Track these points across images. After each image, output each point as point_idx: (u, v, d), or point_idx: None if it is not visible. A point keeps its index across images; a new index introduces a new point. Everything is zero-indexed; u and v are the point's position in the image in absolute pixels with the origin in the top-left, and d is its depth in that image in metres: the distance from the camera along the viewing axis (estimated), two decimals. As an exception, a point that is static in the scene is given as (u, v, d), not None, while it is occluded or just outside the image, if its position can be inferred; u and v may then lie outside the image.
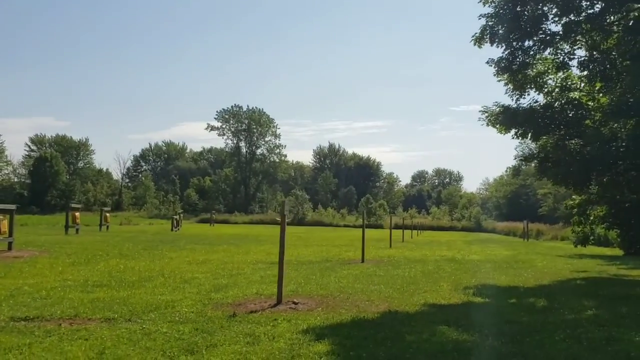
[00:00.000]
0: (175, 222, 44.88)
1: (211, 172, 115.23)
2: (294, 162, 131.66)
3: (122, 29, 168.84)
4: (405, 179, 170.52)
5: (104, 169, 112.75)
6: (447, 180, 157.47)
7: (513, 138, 15.78)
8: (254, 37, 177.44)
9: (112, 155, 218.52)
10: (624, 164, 14.43)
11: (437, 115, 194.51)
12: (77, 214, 31.01)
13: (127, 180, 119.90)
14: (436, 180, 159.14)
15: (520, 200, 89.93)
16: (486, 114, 16.02)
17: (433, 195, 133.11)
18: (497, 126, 15.94)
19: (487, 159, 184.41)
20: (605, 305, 10.01)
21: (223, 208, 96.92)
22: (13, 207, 18.76)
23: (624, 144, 13.69)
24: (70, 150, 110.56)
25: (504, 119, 15.38)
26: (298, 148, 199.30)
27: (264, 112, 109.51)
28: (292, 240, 32.78)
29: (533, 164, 15.93)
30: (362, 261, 18.35)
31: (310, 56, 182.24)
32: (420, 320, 8.27)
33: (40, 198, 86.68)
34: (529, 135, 15.35)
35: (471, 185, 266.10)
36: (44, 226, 42.20)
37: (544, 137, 15.48)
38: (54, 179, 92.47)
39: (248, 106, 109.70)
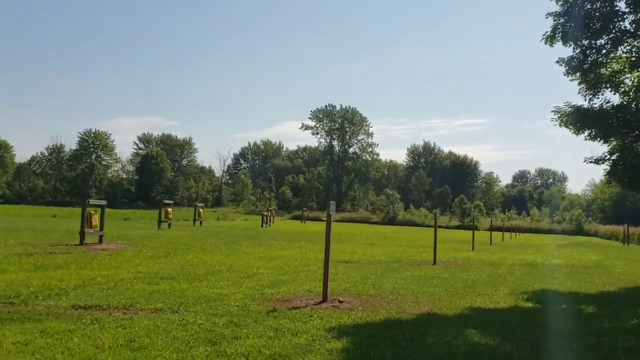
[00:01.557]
0: (265, 218, 46.21)
1: (305, 170, 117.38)
2: (388, 160, 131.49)
3: (227, 31, 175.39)
4: (506, 179, 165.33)
5: (206, 167, 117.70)
6: (550, 180, 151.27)
7: (586, 139, 15.25)
8: (356, 39, 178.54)
9: (213, 153, 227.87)
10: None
11: (544, 112, 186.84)
12: (169, 209, 32.87)
13: (227, 178, 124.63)
14: (539, 181, 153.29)
15: (627, 203, 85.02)
16: (558, 114, 15.54)
17: (534, 197, 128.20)
18: (570, 127, 15.43)
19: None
20: (657, 316, 9.64)
21: (316, 206, 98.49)
22: (104, 202, 20.36)
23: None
24: (175, 149, 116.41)
25: (575, 119, 14.87)
26: (395, 147, 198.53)
27: (357, 111, 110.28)
28: (374, 239, 33.10)
29: (602, 167, 15.32)
30: (434, 263, 18.33)
31: (412, 54, 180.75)
32: (453, 323, 8.37)
33: (146, 193, 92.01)
34: (600, 137, 14.77)
35: (576, 186, 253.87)
36: (145, 220, 44.81)
37: (613, 139, 14.83)
38: (160, 175, 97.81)
39: (341, 105, 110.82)
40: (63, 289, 9.80)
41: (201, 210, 42.07)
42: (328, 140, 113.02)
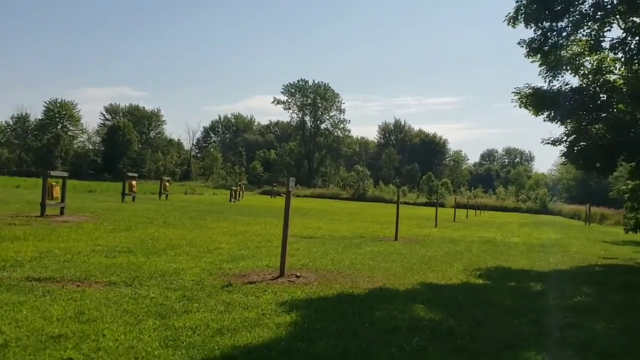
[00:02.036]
0: (234, 193, 46.01)
1: (277, 146, 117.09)
2: (359, 137, 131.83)
3: (199, 0, 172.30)
4: (474, 158, 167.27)
5: (175, 140, 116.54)
6: (517, 159, 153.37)
7: (545, 121, 15.56)
8: (326, 10, 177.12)
9: (182, 126, 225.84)
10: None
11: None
12: (133, 182, 32.56)
13: (196, 151, 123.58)
14: (506, 160, 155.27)
15: (591, 183, 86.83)
16: (518, 95, 15.81)
17: (501, 175, 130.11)
18: (530, 108, 15.72)
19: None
20: (599, 294, 10.01)
21: (286, 181, 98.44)
22: (65, 174, 20.10)
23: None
24: (142, 120, 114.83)
25: (534, 101, 15.16)
26: (367, 124, 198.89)
27: (329, 87, 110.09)
28: (341, 215, 33.33)
29: (559, 149, 15.68)
30: (395, 239, 18.58)
31: (384, 31, 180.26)
32: (402, 298, 8.58)
33: (112, 165, 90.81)
34: (557, 118, 15.09)
35: (543, 166, 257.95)
36: (110, 193, 44.21)
37: (569, 121, 15.17)
38: (126, 147, 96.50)
39: (314, 80, 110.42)
40: (18, 261, 9.73)
41: (167, 183, 41.76)
42: (300, 116, 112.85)
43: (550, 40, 14.74)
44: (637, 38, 14.31)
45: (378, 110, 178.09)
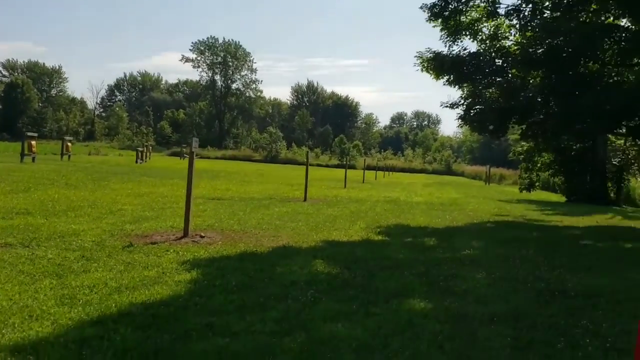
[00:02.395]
0: (140, 154, 44.86)
1: (186, 105, 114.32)
2: (272, 98, 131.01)
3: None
4: (384, 120, 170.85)
5: (78, 98, 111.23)
6: (425, 123, 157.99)
7: (444, 85, 16.20)
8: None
9: (85, 84, 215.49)
10: (538, 113, 15.00)
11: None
12: (33, 142, 31.03)
13: (100, 110, 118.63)
14: (415, 123, 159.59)
15: (492, 145, 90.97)
16: (420, 59, 16.33)
17: (410, 138, 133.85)
18: (431, 72, 16.29)
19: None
20: (486, 247, 10.76)
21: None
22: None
23: (530, 94, 14.23)
24: (42, 77, 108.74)
25: (435, 65, 15.73)
26: (280, 85, 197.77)
27: (241, 45, 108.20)
28: (252, 177, 33.37)
29: (457, 112, 16.45)
30: (305, 200, 18.91)
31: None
32: (304, 255, 8.87)
33: (11, 125, 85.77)
34: (456, 82, 15.77)
35: (449, 128, 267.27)
36: (8, 154, 41.94)
37: (466, 85, 15.91)
38: (26, 105, 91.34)
39: (224, 38, 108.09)
40: None
41: (69, 144, 40.07)
42: (210, 75, 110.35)
43: (450, 6, 15.28)
44: (530, 5, 15.07)
45: (291, 71, 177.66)
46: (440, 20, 15.48)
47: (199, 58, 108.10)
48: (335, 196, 21.85)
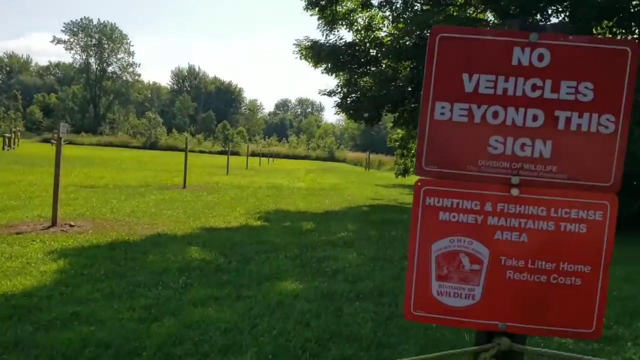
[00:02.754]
0: (7, 140, 41.85)
1: (58, 89, 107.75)
2: (151, 82, 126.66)
3: None
4: (269, 107, 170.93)
5: None
6: (309, 110, 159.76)
7: (322, 73, 16.52)
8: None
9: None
10: (409, 102, 15.79)
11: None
12: None
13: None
14: (299, 110, 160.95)
15: (372, 133, 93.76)
16: (299, 47, 16.53)
17: (294, 125, 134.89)
18: (309, 60, 16.55)
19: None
20: (359, 230, 11.20)
21: (70, 128, 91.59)
22: None
23: (401, 84, 14.96)
24: None
25: (313, 53, 16.00)
26: (159, 68, 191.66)
27: (117, 27, 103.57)
28: (129, 164, 32.21)
29: (334, 100, 16.92)
30: (184, 187, 18.57)
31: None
32: (179, 242, 8.78)
33: None
34: (333, 71, 16.16)
35: (332, 116, 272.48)
36: None
37: (342, 74, 16.36)
38: None
39: (99, 20, 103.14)
40: None
41: None
42: (84, 57, 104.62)
43: (327, -5, 15.56)
44: (402, -2, 15.71)
45: (171, 55, 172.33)
46: (317, 9, 15.75)
47: (71, 40, 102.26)
48: (216, 183, 21.66)
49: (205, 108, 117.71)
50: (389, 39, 16.61)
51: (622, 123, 1.72)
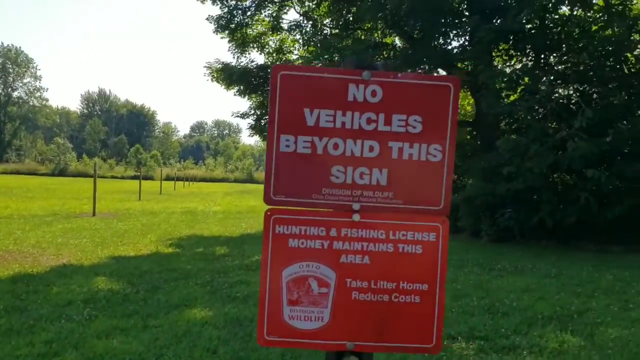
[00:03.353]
0: None
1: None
2: (60, 107, 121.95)
3: None
4: (184, 129, 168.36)
5: None
6: (226, 132, 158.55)
7: (235, 95, 16.55)
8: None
9: None
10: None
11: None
12: None
13: None
14: (215, 132, 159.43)
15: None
16: (210, 70, 16.49)
17: (211, 147, 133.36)
18: (221, 82, 16.54)
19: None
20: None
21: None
22: None
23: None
24: None
25: (224, 76, 16.02)
26: (68, 93, 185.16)
27: (22, 51, 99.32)
28: (37, 192, 30.88)
29: (247, 122, 17.00)
30: (94, 214, 18.01)
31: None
32: (85, 272, 8.51)
33: None
34: (246, 93, 16.24)
35: (250, 138, 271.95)
36: None
37: (254, 96, 16.48)
38: None
39: (2, 43, 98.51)
40: None
41: None
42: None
43: (236, 19, 15.66)
44: (311, 22, 16.03)
45: (80, 79, 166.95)
46: (227, 32, 15.80)
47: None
48: (127, 209, 21.11)
49: (117, 132, 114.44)
50: (300, 62, 16.88)
51: (448, 152, 1.89)
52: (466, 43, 15.53)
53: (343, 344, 1.94)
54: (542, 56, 15.02)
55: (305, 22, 15.73)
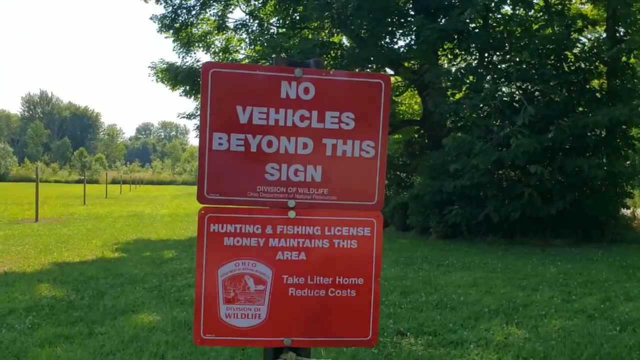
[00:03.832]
0: None
1: None
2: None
3: None
4: (130, 132, 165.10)
5: None
6: (173, 133, 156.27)
7: (181, 95, 16.32)
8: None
9: None
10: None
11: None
12: None
13: None
14: (162, 133, 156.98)
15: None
16: (155, 70, 16.21)
17: (158, 149, 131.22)
18: (166, 82, 16.27)
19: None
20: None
21: None
22: None
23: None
24: None
25: (169, 76, 15.77)
26: (5, 94, 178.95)
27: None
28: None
29: (194, 122, 16.78)
30: (36, 220, 17.50)
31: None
32: (28, 280, 8.24)
33: None
34: (191, 93, 16.03)
35: (197, 139, 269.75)
36: None
37: (199, 96, 16.27)
38: None
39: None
40: None
41: None
42: None
43: (181, 18, 15.44)
44: (257, 21, 15.94)
45: (20, 81, 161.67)
46: (171, 31, 15.57)
47: None
48: (72, 214, 20.57)
49: (60, 135, 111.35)
50: (246, 61, 16.77)
51: (381, 147, 1.92)
52: (412, 42, 15.75)
53: (280, 340, 1.94)
54: (486, 55, 15.36)
55: (251, 21, 15.66)
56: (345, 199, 1.94)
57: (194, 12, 15.42)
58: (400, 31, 16.01)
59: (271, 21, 16.65)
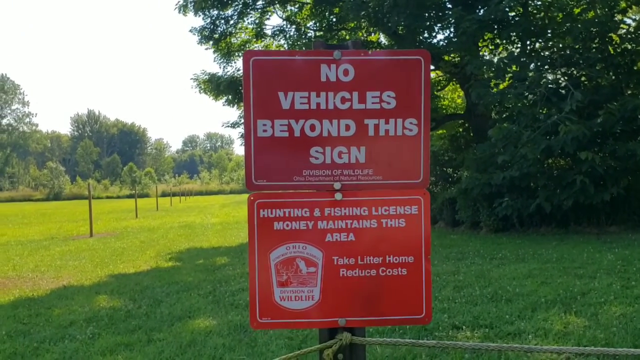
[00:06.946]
0: None
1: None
2: (50, 131, 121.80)
3: None
4: (176, 145, 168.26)
5: None
6: (219, 144, 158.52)
7: (224, 105, 16.55)
8: None
9: None
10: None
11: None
12: None
13: None
14: (208, 145, 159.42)
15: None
16: (197, 82, 16.49)
17: (205, 160, 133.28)
18: (209, 93, 16.53)
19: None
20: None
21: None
22: None
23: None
24: None
25: (212, 86, 16.01)
26: (58, 116, 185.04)
27: (8, 78, 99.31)
28: (32, 218, 30.80)
29: (238, 130, 16.96)
30: (91, 235, 17.99)
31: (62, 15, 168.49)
32: (86, 292, 8.48)
33: None
34: (234, 102, 16.23)
35: (242, 147, 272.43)
36: None
37: (242, 104, 16.47)
38: None
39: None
40: None
41: None
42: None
43: (219, 28, 15.67)
44: (294, 26, 16.04)
45: (69, 101, 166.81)
46: (211, 42, 15.81)
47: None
48: (125, 227, 21.09)
49: (110, 152, 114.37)
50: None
51: (423, 125, 1.91)
52: (451, 35, 15.57)
53: (335, 320, 1.96)
54: (528, 43, 15.06)
55: (288, 26, 15.78)
56: (390, 178, 1.94)
57: (232, 22, 15.63)
58: (439, 25, 15.84)
59: (308, 25, 16.74)
